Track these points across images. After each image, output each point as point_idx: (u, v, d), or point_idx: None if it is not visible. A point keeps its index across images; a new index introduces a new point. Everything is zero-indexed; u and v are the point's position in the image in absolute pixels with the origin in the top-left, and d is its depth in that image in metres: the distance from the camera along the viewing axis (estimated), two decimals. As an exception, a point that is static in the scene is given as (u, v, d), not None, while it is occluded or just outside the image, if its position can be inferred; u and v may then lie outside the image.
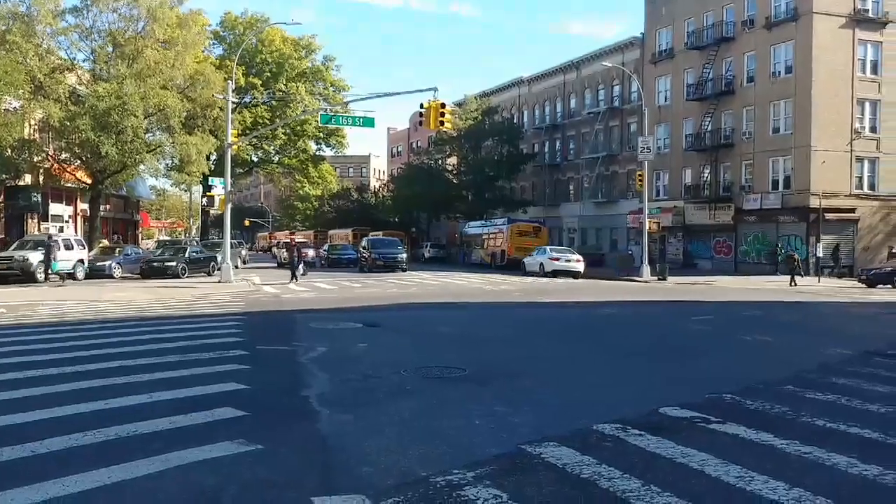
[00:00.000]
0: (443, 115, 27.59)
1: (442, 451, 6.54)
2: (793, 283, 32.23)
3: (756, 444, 6.78)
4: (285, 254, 42.17)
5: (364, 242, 47.29)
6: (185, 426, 7.14)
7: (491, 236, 53.19)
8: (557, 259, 40.57)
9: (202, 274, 36.21)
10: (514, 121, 69.50)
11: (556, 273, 39.33)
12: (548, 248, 43.66)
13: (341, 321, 16.47)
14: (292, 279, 31.77)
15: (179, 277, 33.36)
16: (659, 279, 37.32)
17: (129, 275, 35.47)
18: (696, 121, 49.95)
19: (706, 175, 49.40)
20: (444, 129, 39.58)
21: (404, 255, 44.02)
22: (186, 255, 36.54)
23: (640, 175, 41.47)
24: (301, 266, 33.27)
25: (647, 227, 40.85)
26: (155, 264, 35.02)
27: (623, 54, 56.92)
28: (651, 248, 42.50)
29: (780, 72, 44.97)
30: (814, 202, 41.53)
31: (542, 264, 40.69)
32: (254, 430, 7.00)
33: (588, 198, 61.02)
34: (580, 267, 39.63)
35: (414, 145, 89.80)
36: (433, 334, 15.18)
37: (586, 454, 6.33)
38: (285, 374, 10.21)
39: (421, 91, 29.17)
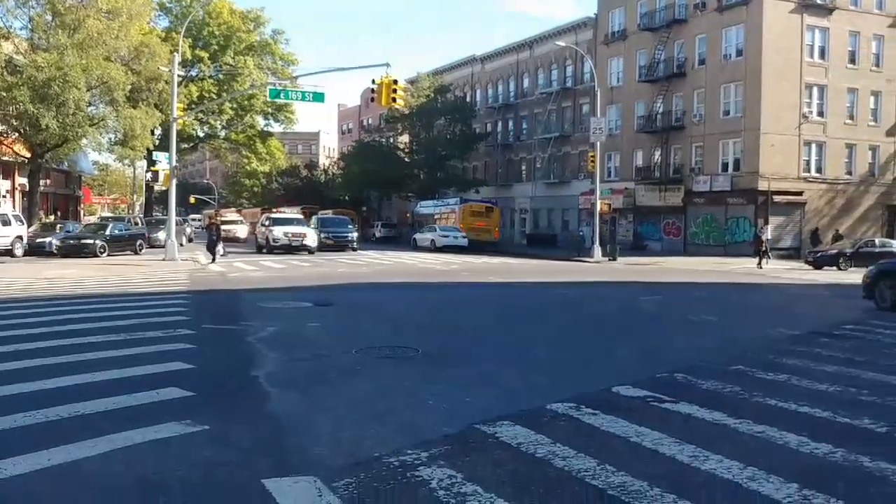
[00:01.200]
0: (395, 91, 27.31)
1: (394, 431, 6.44)
2: (760, 266, 32.52)
3: (710, 423, 6.81)
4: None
5: (313, 221, 46.60)
6: (130, 406, 6.93)
7: (443, 216, 53.06)
8: (447, 236, 46.78)
9: (127, 253, 34.30)
10: (467, 99, 69.28)
11: (445, 248, 45.14)
12: (437, 226, 49.70)
13: (291, 300, 16.24)
14: (212, 259, 30.94)
15: (97, 256, 31.51)
16: (609, 260, 37.66)
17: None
18: (648, 102, 50.36)
19: (657, 157, 49.92)
20: (396, 107, 39.23)
21: (355, 235, 43.62)
22: (107, 232, 34.22)
23: (591, 156, 41.70)
24: (220, 245, 32.30)
25: (599, 209, 41.15)
26: (71, 242, 32.65)
27: (576, 34, 57.02)
28: (602, 230, 42.80)
29: (730, 55, 45.53)
30: (762, 185, 42.27)
31: (433, 240, 46.75)
32: (201, 410, 6.83)
33: (540, 178, 61.23)
34: (465, 242, 45.91)
35: (365, 123, 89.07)
36: (385, 314, 15.06)
37: (540, 433, 6.28)
38: (233, 353, 10.00)
39: (372, 67, 28.95)
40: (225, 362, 9.39)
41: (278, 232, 38.22)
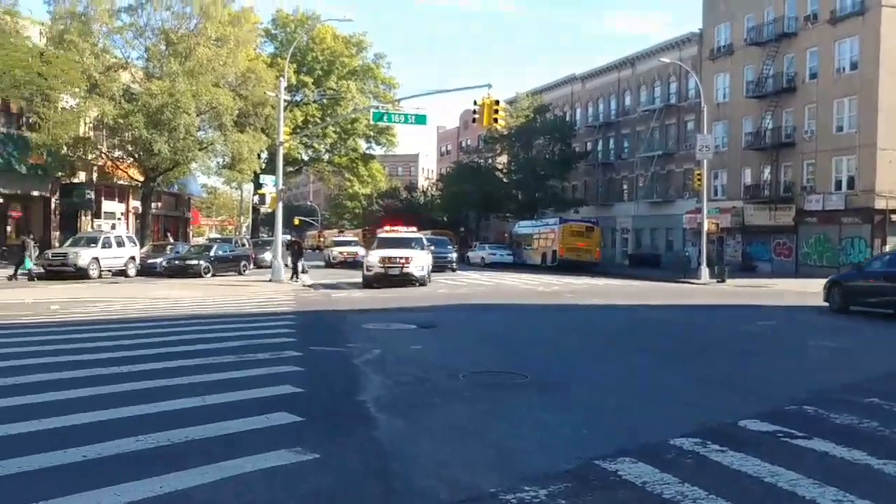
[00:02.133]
0: (496, 111, 27.13)
1: (507, 464, 6.14)
2: None
3: (849, 462, 6.24)
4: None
5: None
6: (241, 431, 6.85)
7: (542, 236, 52.50)
8: (494, 254, 54.53)
9: (231, 273, 35.18)
10: (567, 118, 68.62)
11: (492, 264, 51.32)
12: (486, 245, 57.87)
13: (394, 322, 16.16)
14: (293, 276, 31.30)
15: (202, 277, 32.44)
16: (718, 282, 36.34)
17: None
18: (756, 119, 48.64)
19: (766, 175, 48.10)
20: (496, 128, 39.08)
21: (454, 256, 43.43)
22: (212, 253, 35.25)
23: (698, 174, 40.47)
24: (301, 263, 32.73)
25: (706, 228, 39.83)
26: (177, 263, 33.75)
27: (680, 50, 55.76)
28: (709, 250, 41.39)
29: (844, 68, 43.49)
30: (880, 203, 40.06)
31: (483, 258, 53.71)
32: (310, 436, 6.69)
33: (643, 197, 59.95)
34: (510, 259, 53.33)
35: (463, 144, 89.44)
36: (489, 337, 14.77)
37: (666, 472, 5.87)
38: (340, 376, 9.90)
39: (473, 88, 28.73)
40: (332, 386, 9.27)
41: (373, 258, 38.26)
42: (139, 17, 38.87)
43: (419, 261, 28.44)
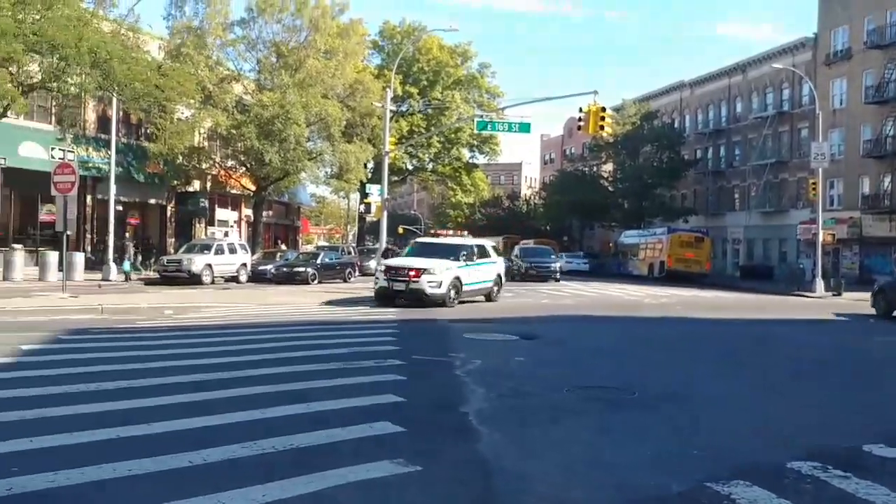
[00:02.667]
0: (602, 118, 26.73)
1: (614, 484, 5.90)
2: None
3: None
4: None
5: (515, 251, 46.44)
6: (344, 440, 6.83)
7: (648, 246, 51.37)
8: (570, 262, 54.48)
9: (337, 280, 35.52)
10: (675, 126, 67.09)
11: (569, 272, 48.76)
12: (563, 254, 56.14)
13: (496, 332, 16.01)
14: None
15: (308, 284, 32.81)
16: (833, 295, 34.65)
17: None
18: (876, 125, 46.24)
19: (887, 184, 45.64)
20: (602, 135, 38.44)
21: (558, 265, 42.94)
22: (318, 261, 35.69)
23: (812, 183, 38.78)
24: None
25: (821, 239, 38.08)
26: (284, 270, 34.38)
27: (793, 56, 53.65)
28: (824, 262, 39.55)
29: (974, 70, 40.89)
30: None
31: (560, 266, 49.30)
32: (412, 448, 6.60)
33: (755, 207, 57.89)
34: (586, 267, 55.18)
35: (567, 152, 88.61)
36: (593, 350, 14.44)
37: (784, 497, 5.52)
38: (442, 387, 9.81)
39: (578, 95, 28.07)
40: (434, 397, 9.19)
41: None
42: (251, 30, 40.22)
43: (438, 275, 22.10)
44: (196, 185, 43.11)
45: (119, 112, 33.93)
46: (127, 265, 31.83)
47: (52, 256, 28.85)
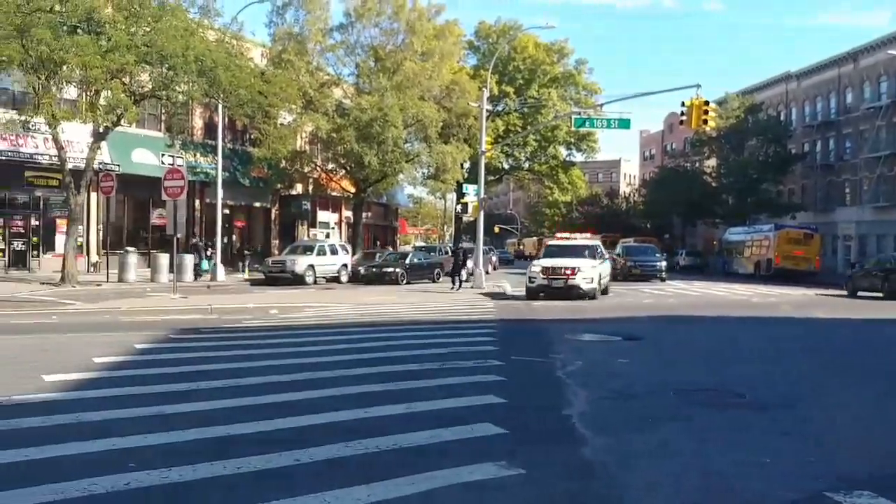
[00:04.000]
0: (706, 112, 25.96)
1: (725, 491, 5.67)
2: None
3: None
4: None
5: (618, 249, 45.52)
6: (446, 441, 6.81)
7: (755, 243, 49.67)
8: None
9: (425, 281, 35.71)
10: (781, 118, 64.65)
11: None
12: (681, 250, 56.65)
13: (597, 333, 15.72)
14: (454, 285, 30.89)
15: (398, 284, 33.14)
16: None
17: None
18: None
19: None
20: (704, 129, 37.34)
21: (663, 264, 41.68)
22: (407, 261, 36.05)
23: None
24: (464, 272, 32.10)
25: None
26: (374, 270, 34.73)
27: (910, 41, 50.89)
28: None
29: None
30: None
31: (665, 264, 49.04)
32: (515, 450, 6.51)
33: (868, 202, 55.16)
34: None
35: (668, 148, 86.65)
36: (700, 351, 14.01)
37: (914, 511, 5.17)
38: (543, 388, 9.69)
39: (679, 89, 27.38)
40: (536, 398, 9.08)
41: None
42: (350, 34, 40.91)
43: (588, 272, 25.23)
44: (298, 189, 44.18)
45: (225, 118, 35.06)
46: (205, 264, 32.93)
47: (163, 258, 30.05)
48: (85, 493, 5.11)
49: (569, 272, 25.06)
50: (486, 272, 32.87)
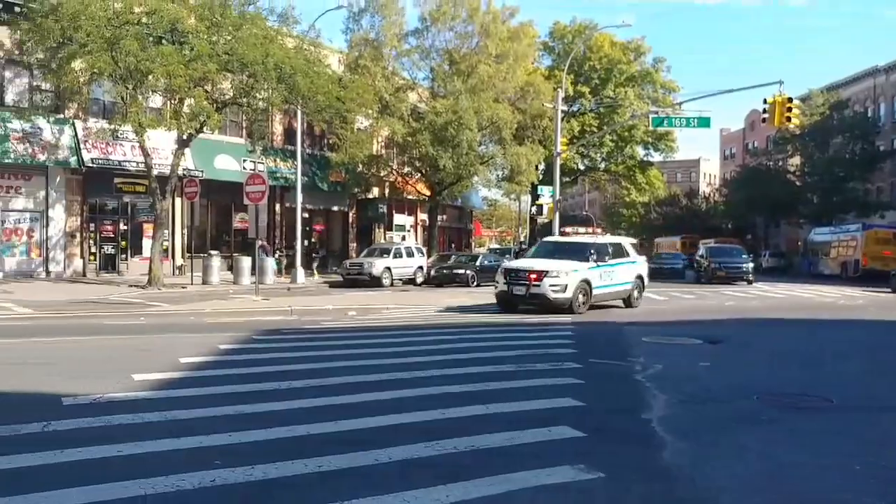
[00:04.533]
0: (789, 110, 25.25)
1: (811, 499, 5.49)
2: None
3: None
4: None
5: (702, 251, 44.42)
6: (523, 443, 6.79)
7: (841, 244, 47.96)
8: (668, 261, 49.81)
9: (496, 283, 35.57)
10: (868, 114, 62.30)
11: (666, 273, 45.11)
12: (663, 253, 53.85)
13: (676, 336, 15.45)
14: None
15: (469, 286, 33.23)
16: None
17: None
18: None
19: None
20: (787, 127, 36.28)
21: (750, 265, 40.23)
22: (478, 263, 36.07)
23: None
24: None
25: None
26: (445, 271, 35.00)
27: None
28: None
29: None
30: None
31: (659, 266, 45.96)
32: (593, 454, 6.46)
33: (962, 199, 52.77)
34: (680, 265, 48.78)
35: (749, 146, 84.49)
36: (783, 354, 13.62)
37: None
38: (621, 392, 9.57)
39: (761, 86, 26.31)
40: (614, 401, 8.98)
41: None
42: (425, 39, 41.14)
43: (560, 277, 19.87)
44: (375, 192, 44.69)
45: (303, 124, 35.73)
46: (274, 263, 33.66)
47: (245, 261, 30.80)
48: (174, 488, 5.28)
49: (533, 277, 19.98)
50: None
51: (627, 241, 25.30)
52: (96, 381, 9.21)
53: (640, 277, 23.44)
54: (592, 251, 21.48)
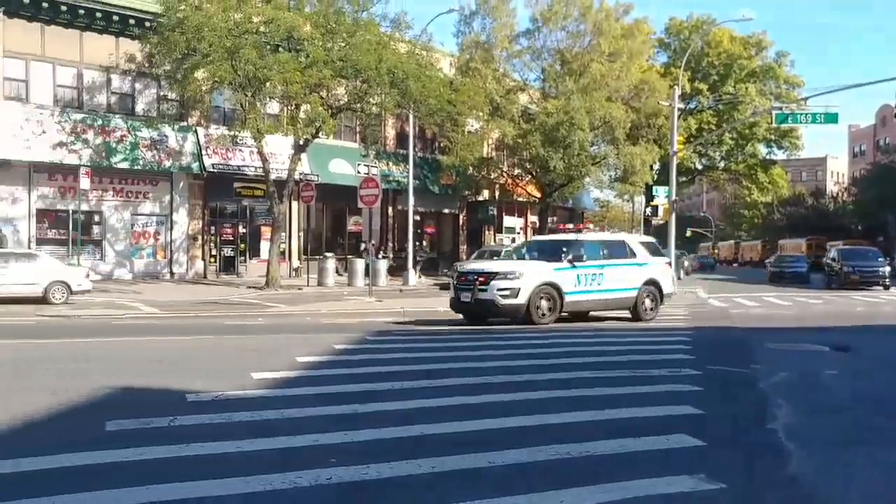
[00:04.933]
0: (925, 104, 23.73)
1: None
2: None
3: None
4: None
5: (833, 253, 42.05)
6: (639, 451, 6.58)
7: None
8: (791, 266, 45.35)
9: None
10: None
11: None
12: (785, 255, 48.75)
13: (801, 342, 14.74)
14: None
15: None
16: None
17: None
18: None
19: None
20: (923, 122, 34.17)
21: (887, 269, 37.46)
22: None
23: None
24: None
25: None
26: None
27: None
28: None
29: None
30: None
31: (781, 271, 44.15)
32: (714, 464, 6.18)
33: None
34: (803, 269, 44.08)
35: (881, 143, 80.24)
36: (920, 362, 12.79)
37: None
38: (742, 400, 9.17)
39: (893, 80, 24.75)
40: (735, 409, 8.61)
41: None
42: (536, 39, 41.03)
43: (512, 282, 17.02)
44: (485, 194, 44.77)
45: (415, 128, 36.17)
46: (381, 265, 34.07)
47: (359, 263, 31.39)
48: (291, 485, 5.38)
49: (480, 280, 17.37)
50: (678, 277, 31.74)
51: (635, 239, 20.97)
52: (217, 379, 9.54)
53: (652, 284, 19.28)
54: (565, 249, 18.25)
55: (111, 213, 30.72)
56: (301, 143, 28.95)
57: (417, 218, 38.31)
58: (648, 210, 40.78)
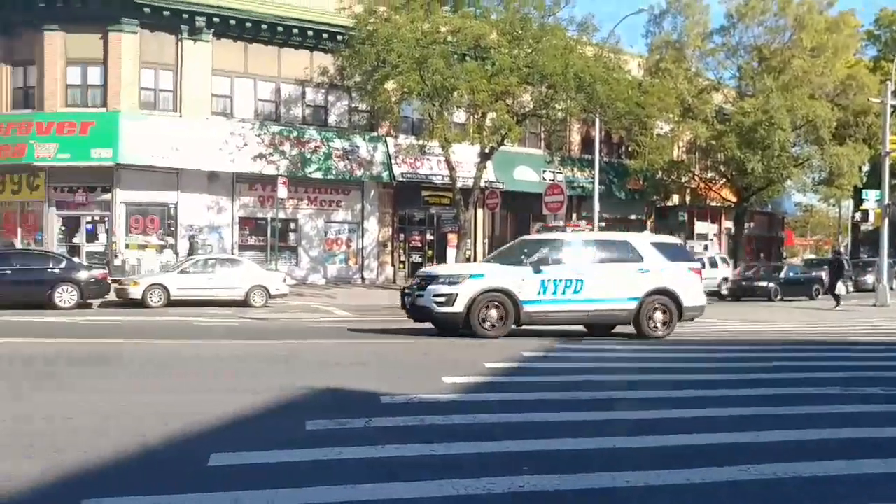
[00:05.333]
0: None
1: None
2: None
3: None
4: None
5: None
6: (850, 475, 6.02)
7: None
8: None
9: (801, 298, 33.14)
10: None
11: None
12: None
13: None
14: (836, 302, 27.11)
15: (770, 299, 31.56)
16: None
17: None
18: None
19: None
20: None
21: None
22: (781, 275, 34.06)
23: None
24: (840, 285, 27.44)
25: None
26: (743, 284, 33.63)
27: None
28: None
29: None
30: None
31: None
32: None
33: None
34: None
35: None
36: None
37: None
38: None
39: None
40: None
41: None
42: (731, 36, 39.48)
43: (451, 287, 14.69)
44: (675, 199, 43.36)
45: (601, 132, 35.61)
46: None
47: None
48: (484, 491, 5.35)
49: (421, 284, 15.46)
50: (892, 288, 29.28)
51: (645, 240, 16.81)
52: (409, 382, 9.74)
53: (664, 293, 15.74)
54: (526, 251, 15.68)
55: (306, 221, 32.42)
56: (487, 150, 29.27)
57: (602, 224, 37.68)
58: (857, 215, 37.82)
